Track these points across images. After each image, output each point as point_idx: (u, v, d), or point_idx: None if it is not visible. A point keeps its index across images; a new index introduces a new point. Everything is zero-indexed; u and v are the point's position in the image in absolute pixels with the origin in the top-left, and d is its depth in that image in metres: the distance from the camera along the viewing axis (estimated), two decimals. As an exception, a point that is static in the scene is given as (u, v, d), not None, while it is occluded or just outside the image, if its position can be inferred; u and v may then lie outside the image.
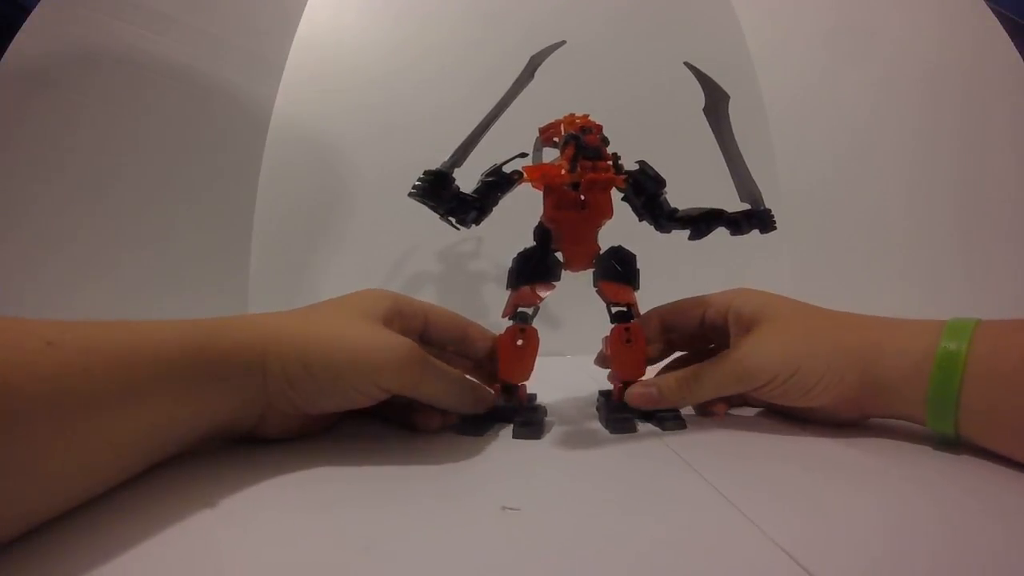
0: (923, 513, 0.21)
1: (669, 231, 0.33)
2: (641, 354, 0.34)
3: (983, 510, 0.21)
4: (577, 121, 0.33)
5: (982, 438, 0.26)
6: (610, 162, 0.32)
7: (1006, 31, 0.67)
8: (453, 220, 0.32)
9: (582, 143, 0.31)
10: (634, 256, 0.34)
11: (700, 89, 0.34)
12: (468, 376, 0.32)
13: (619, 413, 0.32)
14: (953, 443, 0.27)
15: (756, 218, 0.32)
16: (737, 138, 0.34)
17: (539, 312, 0.35)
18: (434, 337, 0.33)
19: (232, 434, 0.26)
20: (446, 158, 0.31)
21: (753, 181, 0.33)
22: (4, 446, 0.16)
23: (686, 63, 0.34)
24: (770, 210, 0.33)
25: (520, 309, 0.35)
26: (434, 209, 0.31)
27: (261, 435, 0.27)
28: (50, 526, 0.18)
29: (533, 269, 0.34)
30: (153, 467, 0.23)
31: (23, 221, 0.49)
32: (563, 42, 0.34)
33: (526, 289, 0.34)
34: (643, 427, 0.32)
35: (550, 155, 0.36)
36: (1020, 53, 0.65)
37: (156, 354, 0.22)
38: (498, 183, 0.32)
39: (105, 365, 0.20)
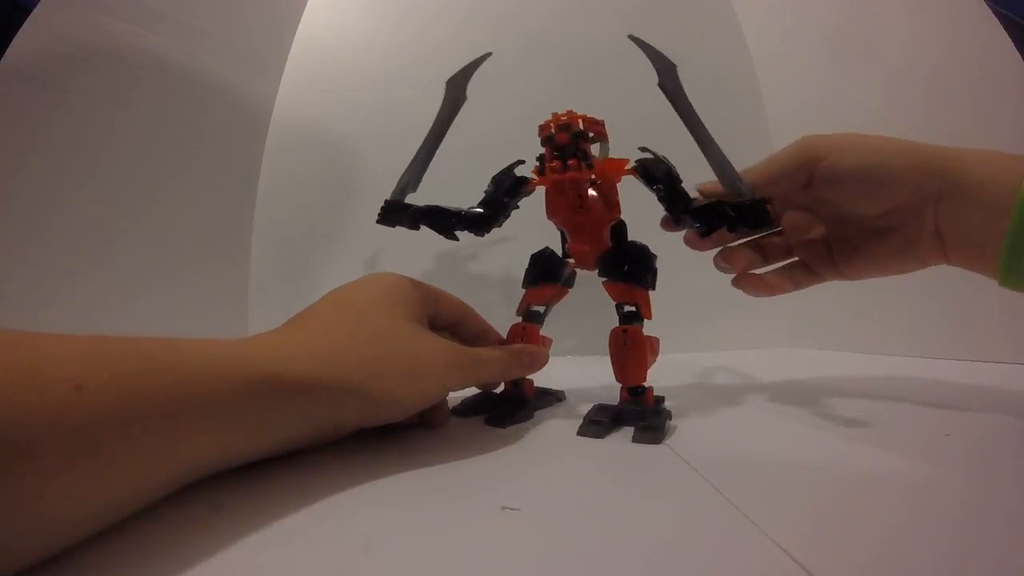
0: (924, 513, 0.21)
1: (686, 225, 0.33)
2: (640, 358, 0.32)
3: (986, 511, 0.21)
4: (562, 119, 0.32)
5: None
6: (584, 159, 0.31)
7: (1006, 31, 0.67)
8: (457, 235, 0.33)
9: (555, 143, 0.31)
10: (645, 253, 0.33)
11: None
12: (509, 346, 0.34)
13: (594, 416, 0.31)
14: (1018, 286, 0.27)
15: (749, 213, 0.29)
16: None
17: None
18: (437, 322, 0.32)
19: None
20: (397, 186, 0.33)
21: (730, 164, 0.30)
22: (23, 496, 0.15)
23: (631, 36, 0.32)
24: (764, 200, 0.29)
25: (533, 308, 0.35)
26: (436, 230, 0.33)
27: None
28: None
29: (541, 269, 0.35)
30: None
31: (22, 221, 0.49)
32: (488, 54, 0.34)
33: (535, 288, 0.34)
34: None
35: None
36: (1020, 53, 0.65)
37: (206, 396, 0.20)
38: (508, 190, 0.33)
39: (144, 415, 0.18)
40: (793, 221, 0.32)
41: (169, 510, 0.20)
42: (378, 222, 0.33)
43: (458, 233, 0.33)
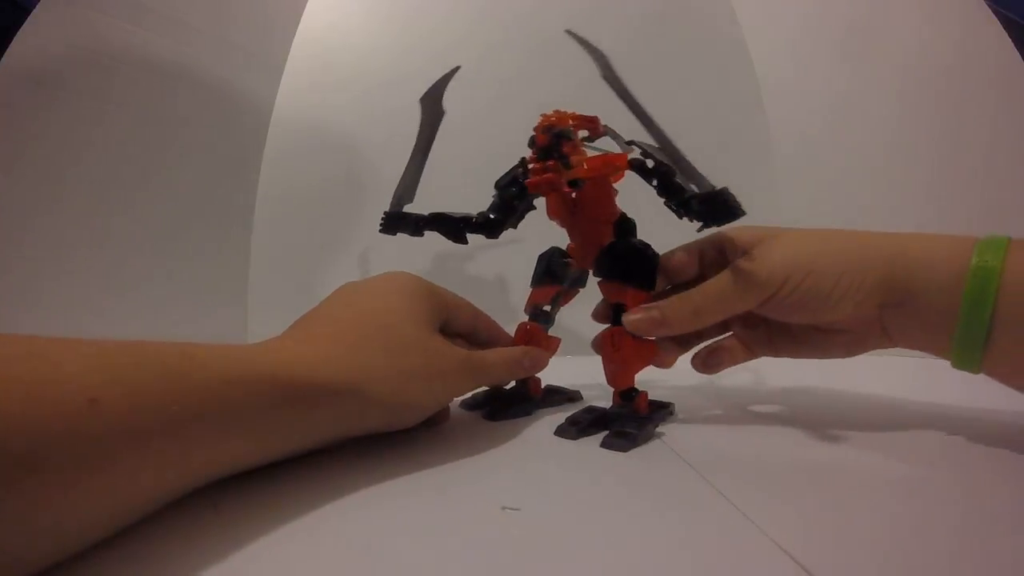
0: (923, 513, 0.21)
1: (688, 218, 0.30)
2: (625, 361, 0.31)
3: (985, 511, 0.21)
4: (550, 119, 0.32)
5: (1011, 369, 0.26)
6: (561, 159, 0.31)
7: (1006, 31, 0.67)
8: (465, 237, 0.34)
9: (536, 143, 0.31)
10: (640, 252, 0.32)
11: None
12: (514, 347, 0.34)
13: (576, 417, 0.31)
14: (973, 371, 0.27)
15: (713, 204, 0.28)
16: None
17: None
18: (450, 329, 0.32)
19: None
20: (396, 198, 0.34)
21: (685, 157, 0.28)
22: (32, 508, 0.15)
23: (568, 31, 0.31)
24: (724, 191, 0.28)
25: (542, 307, 0.36)
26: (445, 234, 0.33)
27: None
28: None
29: (544, 269, 0.35)
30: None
31: (21, 220, 0.49)
32: (457, 67, 0.34)
33: (540, 288, 0.35)
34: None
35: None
36: (1020, 53, 0.65)
37: (224, 406, 0.20)
38: (516, 194, 0.33)
39: (159, 428, 0.18)
40: (634, 323, 0.30)
41: (169, 509, 0.20)
42: (380, 231, 0.34)
43: (469, 236, 0.34)
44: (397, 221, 0.33)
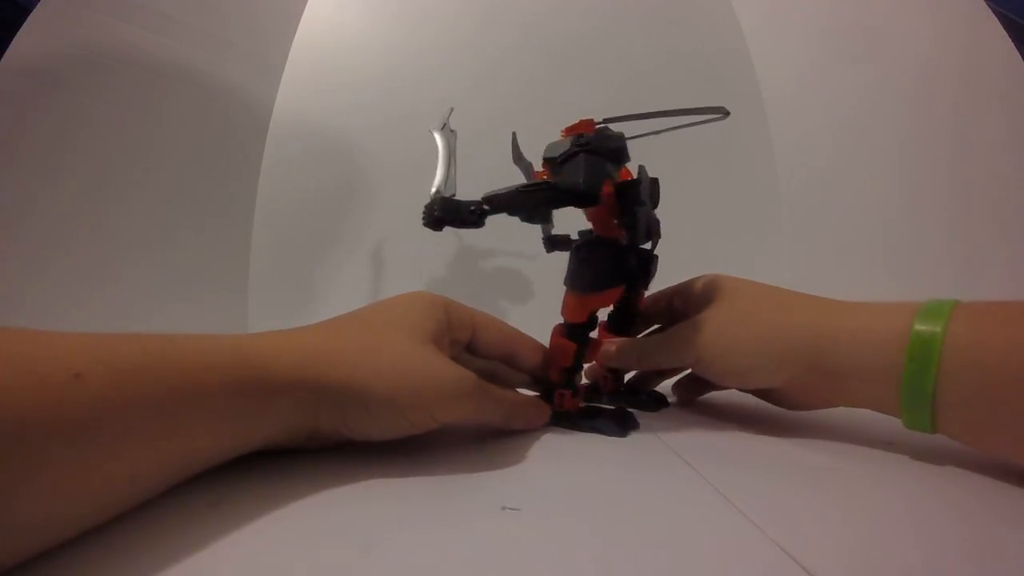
0: (923, 514, 0.21)
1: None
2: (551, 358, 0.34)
3: (987, 510, 0.21)
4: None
5: (963, 433, 0.25)
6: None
7: (1006, 31, 0.67)
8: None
9: None
10: (579, 248, 0.31)
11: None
12: (524, 392, 0.33)
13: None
14: (929, 434, 0.25)
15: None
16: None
17: None
18: (480, 350, 0.31)
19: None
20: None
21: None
22: (19, 482, 0.15)
23: (450, 109, 0.34)
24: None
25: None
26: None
27: (293, 449, 0.26)
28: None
29: None
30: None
31: (22, 222, 0.49)
32: (452, 108, 0.36)
33: None
34: (642, 427, 0.32)
35: None
36: (1020, 53, 0.65)
37: (200, 388, 0.20)
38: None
39: (141, 404, 0.18)
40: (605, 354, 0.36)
41: (166, 506, 0.20)
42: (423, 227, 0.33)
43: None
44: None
